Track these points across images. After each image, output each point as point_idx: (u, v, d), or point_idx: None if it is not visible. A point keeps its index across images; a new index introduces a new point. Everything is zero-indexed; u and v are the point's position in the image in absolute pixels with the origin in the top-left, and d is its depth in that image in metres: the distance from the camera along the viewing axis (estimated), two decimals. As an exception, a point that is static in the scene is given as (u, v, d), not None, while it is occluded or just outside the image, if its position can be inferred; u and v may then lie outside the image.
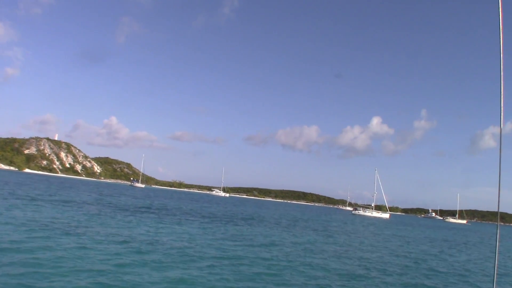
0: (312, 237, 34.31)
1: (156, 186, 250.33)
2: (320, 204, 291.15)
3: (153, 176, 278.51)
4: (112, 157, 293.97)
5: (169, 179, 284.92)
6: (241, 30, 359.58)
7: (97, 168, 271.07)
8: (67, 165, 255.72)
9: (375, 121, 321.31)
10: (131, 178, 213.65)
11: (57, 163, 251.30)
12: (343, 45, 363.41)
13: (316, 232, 39.65)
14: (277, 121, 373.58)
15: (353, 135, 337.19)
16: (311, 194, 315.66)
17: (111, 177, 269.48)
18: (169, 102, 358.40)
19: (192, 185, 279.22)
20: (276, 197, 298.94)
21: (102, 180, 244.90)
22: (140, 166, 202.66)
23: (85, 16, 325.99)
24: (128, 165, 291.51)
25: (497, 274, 4.35)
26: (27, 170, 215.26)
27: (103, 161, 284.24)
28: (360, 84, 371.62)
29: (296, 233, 36.03)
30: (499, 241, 4.11)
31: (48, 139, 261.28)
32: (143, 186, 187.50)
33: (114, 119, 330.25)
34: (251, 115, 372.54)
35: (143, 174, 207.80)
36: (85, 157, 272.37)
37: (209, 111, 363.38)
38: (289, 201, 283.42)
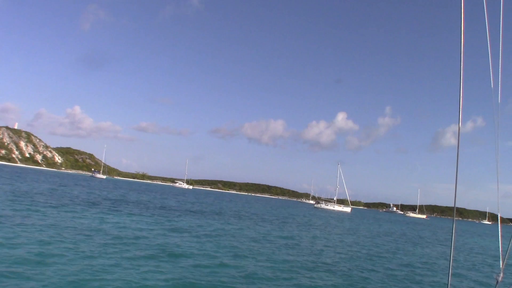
0: (266, 229, 33.80)
1: (119, 178, 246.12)
2: (284, 197, 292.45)
3: (116, 167, 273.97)
4: (74, 147, 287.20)
5: (133, 171, 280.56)
6: (209, 21, 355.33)
7: (58, 158, 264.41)
8: (27, 155, 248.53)
9: (340, 116, 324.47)
10: (92, 169, 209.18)
11: (16, 152, 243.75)
12: (309, 40, 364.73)
13: (272, 224, 39.22)
14: (244, 114, 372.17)
15: (319, 130, 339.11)
16: (275, 187, 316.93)
17: (73, 167, 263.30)
18: (135, 92, 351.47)
19: (155, 177, 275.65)
20: (240, 190, 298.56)
21: (63, 170, 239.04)
22: (103, 157, 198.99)
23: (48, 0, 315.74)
24: (91, 156, 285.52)
25: (452, 267, 4.30)
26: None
27: (65, 151, 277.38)
28: (326, 79, 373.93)
29: (250, 225, 35.45)
30: (455, 236, 4.18)
31: (7, 127, 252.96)
32: (104, 177, 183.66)
33: (77, 109, 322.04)
34: (218, 107, 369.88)
35: (104, 165, 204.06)
36: (46, 146, 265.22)
37: (175, 103, 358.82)
38: (253, 194, 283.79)
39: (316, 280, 15.52)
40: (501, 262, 4.57)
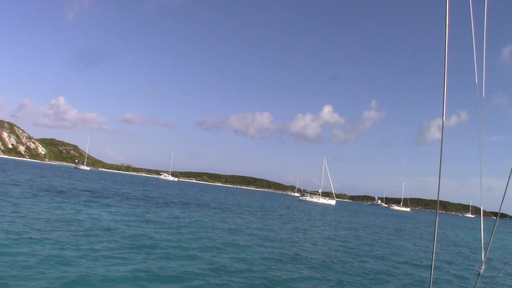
0: (246, 221, 33.60)
1: (103, 169, 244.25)
2: (269, 190, 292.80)
3: (101, 159, 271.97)
4: (58, 138, 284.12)
5: (118, 163, 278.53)
6: (196, 12, 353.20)
7: (41, 150, 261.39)
8: (10, 146, 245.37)
9: (327, 109, 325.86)
10: (76, 161, 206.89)
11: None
12: (296, 33, 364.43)
13: (253, 216, 39.06)
14: (230, 106, 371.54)
15: (305, 122, 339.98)
16: (261, 179, 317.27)
17: (57, 159, 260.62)
18: (120, 84, 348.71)
19: (140, 168, 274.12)
20: (226, 182, 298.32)
21: (46, 162, 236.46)
22: (89, 148, 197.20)
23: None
24: (75, 147, 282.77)
25: (435, 259, 4.36)
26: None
27: (49, 143, 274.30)
28: (312, 72, 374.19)
29: (230, 217, 35.24)
30: (437, 229, 4.15)
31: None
32: (88, 168, 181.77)
33: (62, 99, 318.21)
34: (204, 99, 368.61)
35: (88, 157, 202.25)
36: (29, 138, 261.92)
37: (162, 94, 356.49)
38: (238, 186, 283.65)
39: (289, 273, 15.33)
40: (483, 254, 4.62)
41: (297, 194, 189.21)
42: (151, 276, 12.34)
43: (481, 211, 5.27)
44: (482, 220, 4.94)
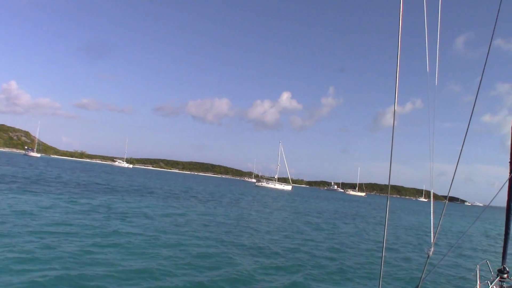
0: (191, 207, 32.00)
1: (56, 156, 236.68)
2: (227, 176, 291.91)
3: (56, 146, 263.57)
4: (9, 124, 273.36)
5: (72, 150, 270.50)
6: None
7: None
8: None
9: (285, 96, 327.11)
10: (26, 147, 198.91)
11: None
12: (257, 19, 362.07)
13: (201, 203, 37.55)
14: (189, 92, 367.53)
15: (263, 109, 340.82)
16: (219, 166, 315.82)
17: (7, 145, 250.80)
18: (76, 68, 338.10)
19: (95, 155, 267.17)
20: (183, 168, 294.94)
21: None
22: (41, 134, 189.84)
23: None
24: (27, 133, 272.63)
25: (386, 242, 4.09)
26: None
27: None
28: (271, 58, 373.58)
29: (173, 204, 33.53)
30: (388, 213, 4.14)
31: None
32: (38, 155, 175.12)
33: (13, 84, 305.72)
34: (162, 84, 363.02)
35: (39, 143, 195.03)
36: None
37: (118, 79, 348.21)
38: (196, 173, 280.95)
39: (223, 258, 13.93)
40: (432, 237, 4.82)
41: (253, 180, 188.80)
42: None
43: (431, 195, 5.23)
44: (431, 204, 4.99)
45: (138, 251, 13.92)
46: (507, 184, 6.60)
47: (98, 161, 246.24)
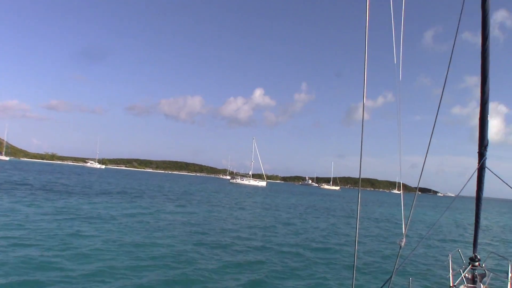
0: (159, 208, 31.51)
1: (25, 159, 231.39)
2: (202, 174, 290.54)
3: (26, 148, 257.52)
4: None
5: (43, 152, 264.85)
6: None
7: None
8: None
9: (258, 92, 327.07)
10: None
11: None
12: (228, 16, 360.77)
13: (170, 202, 37.08)
14: (161, 90, 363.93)
15: (236, 106, 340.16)
16: (193, 164, 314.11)
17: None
18: (44, 69, 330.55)
19: (66, 157, 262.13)
20: (157, 168, 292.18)
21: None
22: (10, 137, 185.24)
23: None
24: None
25: (358, 235, 4.00)
26: None
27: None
28: (244, 55, 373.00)
29: (143, 204, 32.98)
30: (360, 205, 4.28)
31: None
32: (7, 159, 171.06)
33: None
34: (133, 83, 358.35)
35: (7, 146, 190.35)
36: None
37: (88, 79, 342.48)
38: (170, 172, 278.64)
39: (184, 258, 13.64)
40: (403, 228, 4.83)
41: (228, 177, 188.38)
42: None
43: (401, 186, 5.30)
44: (401, 196, 5.04)
45: (96, 254, 13.48)
46: (475, 174, 6.65)
47: (69, 163, 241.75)
